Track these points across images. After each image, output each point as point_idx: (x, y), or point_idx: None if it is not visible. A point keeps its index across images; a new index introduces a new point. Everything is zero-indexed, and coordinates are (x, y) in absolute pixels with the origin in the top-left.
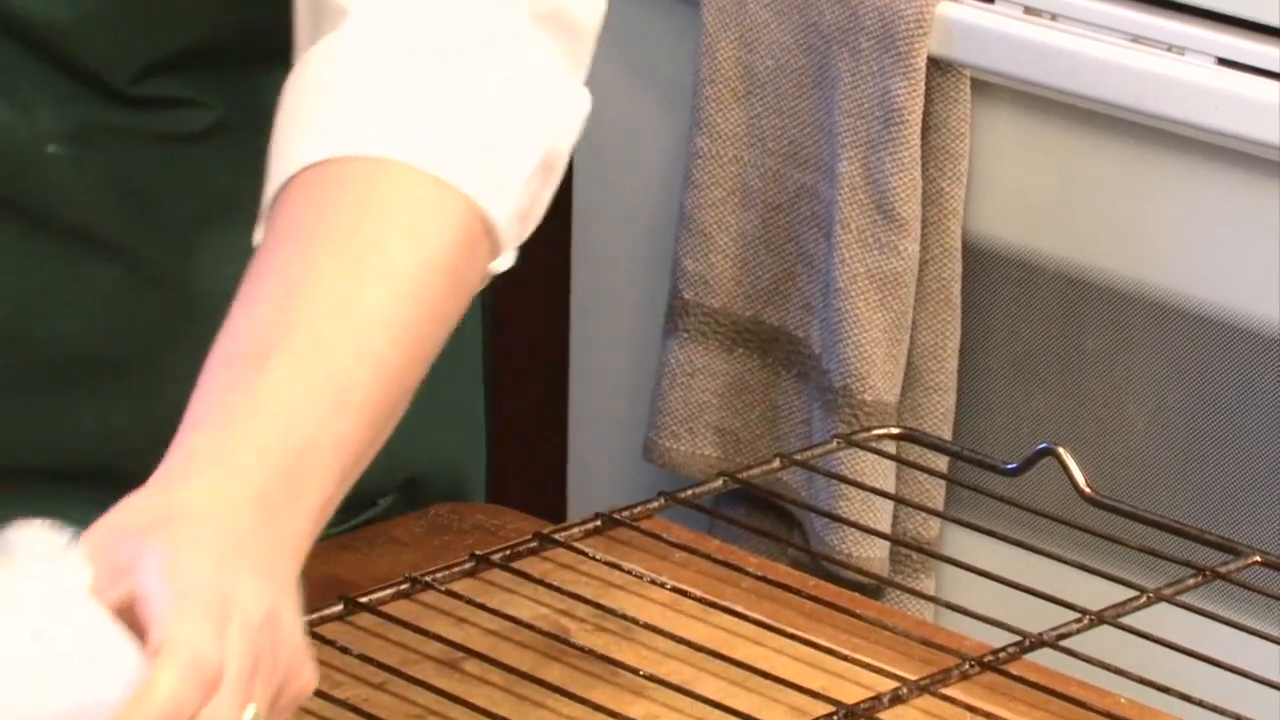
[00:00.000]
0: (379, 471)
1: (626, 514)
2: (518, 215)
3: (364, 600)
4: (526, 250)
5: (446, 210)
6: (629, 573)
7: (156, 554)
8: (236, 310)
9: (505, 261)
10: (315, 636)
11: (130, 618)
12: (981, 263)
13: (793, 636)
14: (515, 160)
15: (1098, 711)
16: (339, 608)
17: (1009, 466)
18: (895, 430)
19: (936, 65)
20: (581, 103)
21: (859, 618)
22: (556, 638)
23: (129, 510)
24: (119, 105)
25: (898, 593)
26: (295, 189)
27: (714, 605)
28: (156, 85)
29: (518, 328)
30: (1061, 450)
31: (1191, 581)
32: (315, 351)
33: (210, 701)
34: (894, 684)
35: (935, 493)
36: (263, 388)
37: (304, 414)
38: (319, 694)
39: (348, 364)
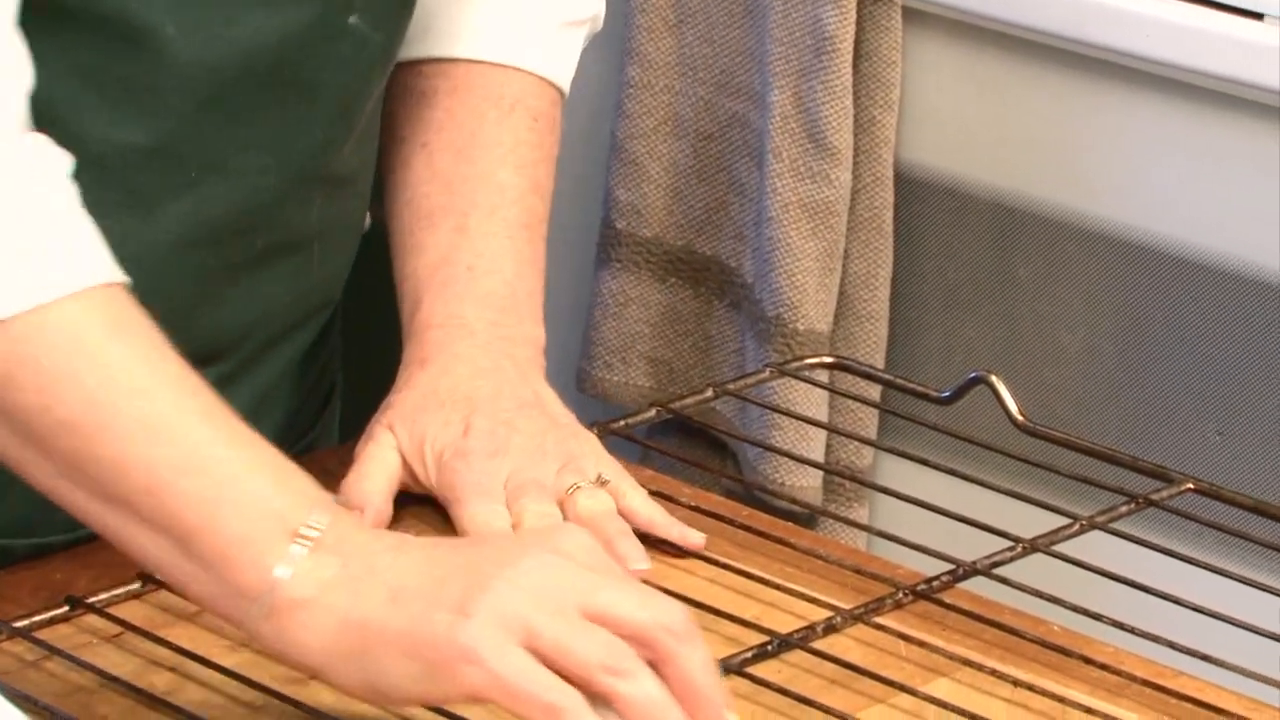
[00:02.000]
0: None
1: None
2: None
3: None
4: None
5: (540, 95)
6: None
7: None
8: (416, 191)
9: None
10: None
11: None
12: (914, 191)
13: (726, 566)
14: (575, 38)
15: (1031, 639)
16: None
17: (942, 395)
18: (828, 359)
19: None
20: None
21: (792, 547)
22: None
23: (411, 393)
24: None
25: (831, 522)
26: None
27: (646, 536)
28: None
29: None
30: (994, 378)
31: (1125, 509)
32: (498, 203)
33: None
34: (828, 613)
35: (868, 421)
36: (468, 247)
37: (505, 254)
38: None
39: (519, 204)
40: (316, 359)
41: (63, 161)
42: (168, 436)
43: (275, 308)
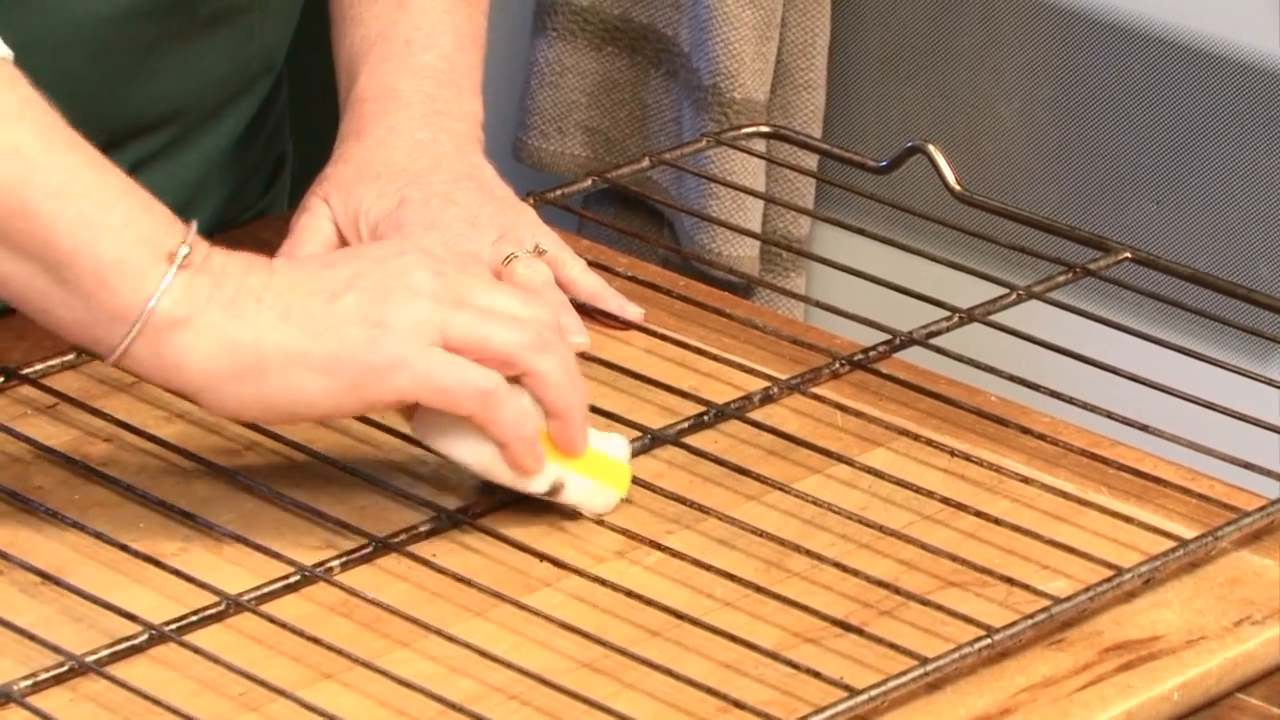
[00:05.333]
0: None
1: None
2: None
3: None
4: None
5: None
6: None
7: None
8: None
9: None
10: None
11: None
12: None
13: (663, 336)
14: None
15: (967, 409)
16: None
17: (879, 164)
18: (765, 128)
19: None
20: None
21: (729, 317)
22: None
23: (346, 165)
24: None
25: (768, 292)
26: None
27: (582, 308)
28: None
29: None
30: (931, 147)
31: (1062, 278)
32: None
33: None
34: (764, 383)
35: (805, 191)
36: (406, 21)
37: (444, 29)
38: None
39: None
40: (263, 128)
41: None
42: (39, 162)
43: (216, 76)
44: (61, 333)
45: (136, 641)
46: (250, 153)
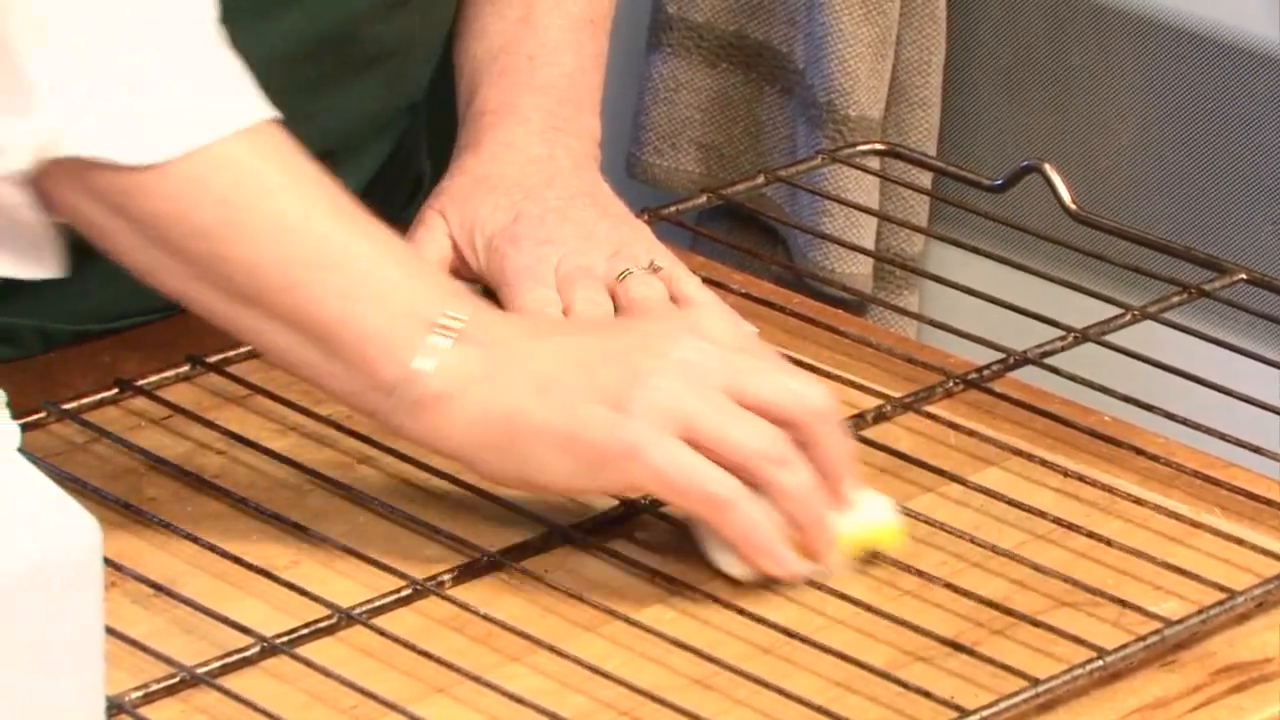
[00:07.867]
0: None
1: None
2: None
3: None
4: None
5: None
6: None
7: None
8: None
9: None
10: None
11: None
12: None
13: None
14: None
15: (1081, 429)
16: None
17: (994, 182)
18: (879, 146)
19: None
20: None
21: (843, 335)
22: None
23: (463, 178)
24: None
25: (881, 310)
26: None
27: None
28: None
29: None
30: (1047, 166)
31: (1177, 299)
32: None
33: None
34: (878, 401)
35: (919, 209)
36: (530, 37)
37: (567, 47)
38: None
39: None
40: (400, 153)
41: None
42: (300, 234)
43: (364, 116)
44: (338, 400)
45: (248, 653)
46: (386, 182)
